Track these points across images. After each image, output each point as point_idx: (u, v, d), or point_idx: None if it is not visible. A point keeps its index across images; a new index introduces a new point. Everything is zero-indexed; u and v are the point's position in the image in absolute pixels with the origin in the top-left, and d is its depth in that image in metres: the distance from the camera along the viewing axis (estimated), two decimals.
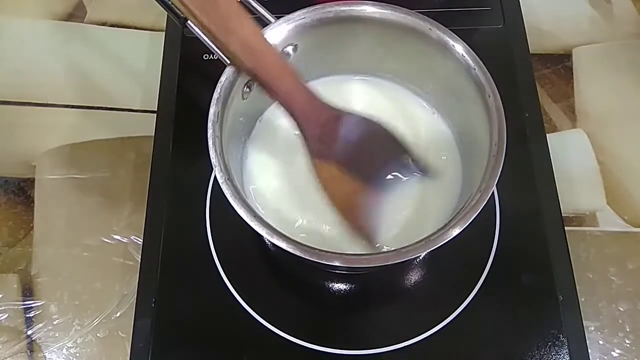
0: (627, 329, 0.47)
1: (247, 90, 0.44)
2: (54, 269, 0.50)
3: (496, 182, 0.38)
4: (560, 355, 0.43)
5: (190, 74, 0.54)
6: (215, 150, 0.39)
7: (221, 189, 0.38)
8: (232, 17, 0.38)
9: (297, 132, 0.41)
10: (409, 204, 0.45)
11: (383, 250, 0.40)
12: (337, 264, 0.36)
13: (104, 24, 0.62)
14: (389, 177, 0.44)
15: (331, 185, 0.41)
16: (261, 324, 0.44)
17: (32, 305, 0.48)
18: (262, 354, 0.44)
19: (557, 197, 0.49)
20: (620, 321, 0.47)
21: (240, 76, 0.42)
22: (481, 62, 0.42)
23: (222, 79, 0.41)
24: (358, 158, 0.42)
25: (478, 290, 0.45)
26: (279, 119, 0.49)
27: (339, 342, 0.44)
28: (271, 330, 0.44)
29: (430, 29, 0.43)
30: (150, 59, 0.58)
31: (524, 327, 0.44)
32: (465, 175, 0.45)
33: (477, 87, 0.41)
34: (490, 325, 0.45)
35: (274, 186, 0.46)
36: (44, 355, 0.47)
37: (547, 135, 0.52)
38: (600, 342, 0.46)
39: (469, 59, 0.42)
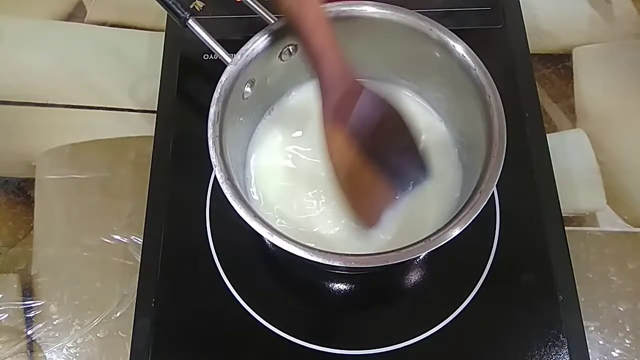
0: (627, 329, 0.47)
1: (248, 89, 0.44)
2: (54, 269, 0.50)
3: (496, 182, 0.38)
4: (560, 355, 0.43)
5: (190, 74, 0.54)
6: (215, 150, 0.39)
7: (221, 189, 0.38)
8: None
9: (318, 93, 0.40)
10: (409, 203, 0.45)
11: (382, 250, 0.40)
12: (337, 264, 0.36)
13: (104, 24, 0.62)
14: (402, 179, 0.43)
15: (339, 158, 0.40)
16: (261, 324, 0.44)
17: (32, 305, 0.48)
18: (262, 354, 0.44)
19: (557, 197, 0.49)
20: (620, 321, 0.47)
21: (240, 77, 0.42)
22: (481, 62, 0.42)
23: (222, 79, 0.41)
24: (371, 138, 0.41)
25: (478, 290, 0.45)
26: (280, 120, 0.49)
27: (339, 342, 0.44)
28: (271, 330, 0.44)
29: (430, 29, 0.43)
30: (150, 59, 0.58)
31: (524, 327, 0.44)
32: (465, 175, 0.45)
33: (477, 88, 0.41)
34: (490, 325, 0.45)
35: (274, 186, 0.46)
36: (44, 355, 0.47)
37: (547, 135, 0.52)
38: (600, 342, 0.46)
39: (469, 59, 0.42)
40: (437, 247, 0.36)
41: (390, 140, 0.42)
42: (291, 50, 0.45)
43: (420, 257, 0.47)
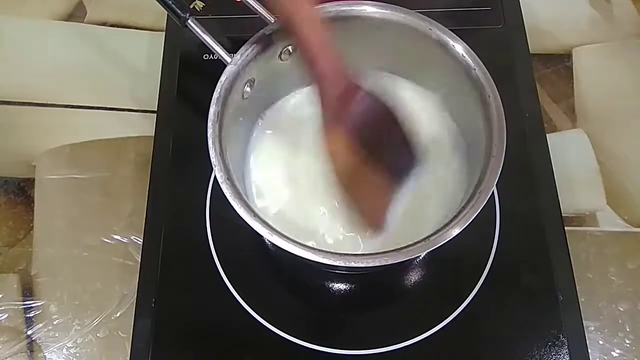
0: (627, 329, 0.47)
1: (247, 89, 0.44)
2: (54, 269, 0.50)
3: (496, 182, 0.38)
4: (560, 355, 0.43)
5: (190, 74, 0.54)
6: (215, 150, 0.39)
7: (221, 189, 0.38)
8: None
9: (316, 96, 0.40)
10: (409, 203, 0.45)
11: (383, 249, 0.40)
12: (337, 264, 0.36)
13: (104, 24, 0.62)
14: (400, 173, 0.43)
15: (340, 159, 0.40)
16: (261, 324, 0.44)
17: (32, 305, 0.48)
18: (262, 354, 0.44)
19: (557, 197, 0.49)
20: (620, 321, 0.47)
21: (240, 77, 0.42)
22: (481, 62, 0.42)
23: (222, 78, 0.41)
24: (368, 135, 0.41)
25: (478, 290, 0.45)
26: (280, 119, 0.49)
27: (339, 342, 0.44)
28: (271, 330, 0.44)
29: (430, 29, 0.43)
30: (150, 59, 0.58)
31: (524, 327, 0.44)
32: (465, 175, 0.45)
33: (477, 88, 0.41)
34: (490, 325, 0.45)
35: (274, 186, 0.46)
36: (44, 355, 0.46)
37: (547, 135, 0.52)
38: (600, 342, 0.46)
39: (469, 59, 0.42)
40: (437, 247, 0.36)
41: (386, 136, 0.41)
42: (291, 50, 0.45)
43: (420, 257, 0.47)
